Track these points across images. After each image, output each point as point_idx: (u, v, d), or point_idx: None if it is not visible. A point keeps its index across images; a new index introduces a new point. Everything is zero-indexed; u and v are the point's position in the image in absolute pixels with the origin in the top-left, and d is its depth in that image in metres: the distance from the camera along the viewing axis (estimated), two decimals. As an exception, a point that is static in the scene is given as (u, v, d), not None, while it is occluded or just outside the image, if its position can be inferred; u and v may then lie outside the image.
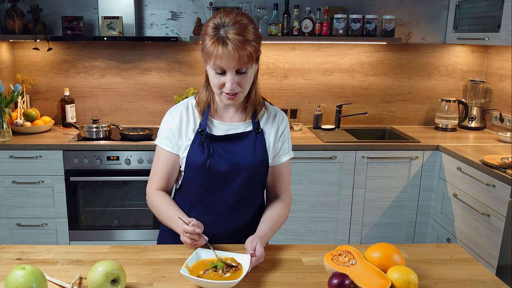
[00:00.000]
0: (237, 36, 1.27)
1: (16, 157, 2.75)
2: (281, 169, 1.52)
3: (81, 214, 2.88)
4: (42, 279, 1.08)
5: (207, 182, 1.43)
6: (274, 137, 1.48)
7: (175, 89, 3.31)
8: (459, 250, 1.44)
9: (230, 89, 1.32)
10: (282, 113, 1.53)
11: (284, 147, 1.51)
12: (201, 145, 1.41)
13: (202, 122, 1.44)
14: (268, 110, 1.50)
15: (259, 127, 1.46)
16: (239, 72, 1.31)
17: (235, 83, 1.32)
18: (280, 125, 1.50)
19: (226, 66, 1.29)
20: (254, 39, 1.30)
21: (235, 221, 1.48)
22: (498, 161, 2.39)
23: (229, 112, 1.47)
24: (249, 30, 1.30)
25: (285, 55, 3.31)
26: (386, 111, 3.45)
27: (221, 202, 1.45)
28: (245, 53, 1.27)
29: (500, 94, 3.20)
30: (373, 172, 2.89)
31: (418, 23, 3.31)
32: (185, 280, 1.21)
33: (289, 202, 1.55)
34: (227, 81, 1.31)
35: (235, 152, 1.43)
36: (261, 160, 1.45)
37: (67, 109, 3.20)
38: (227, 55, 1.27)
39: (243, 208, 1.48)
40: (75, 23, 3.04)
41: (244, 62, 1.29)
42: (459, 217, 2.64)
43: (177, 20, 3.23)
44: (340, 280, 1.13)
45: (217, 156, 1.41)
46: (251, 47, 1.28)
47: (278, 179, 1.53)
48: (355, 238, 3.00)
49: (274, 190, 1.55)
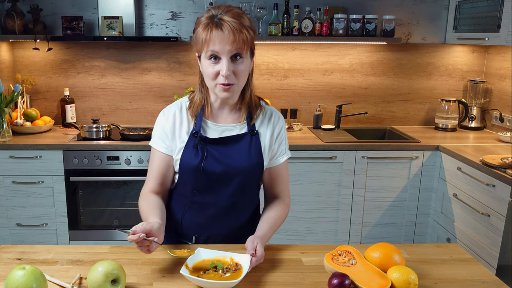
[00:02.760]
0: (232, 19, 1.26)
1: (16, 157, 2.75)
2: (278, 170, 1.50)
3: (81, 214, 2.88)
4: (42, 279, 1.08)
5: (201, 184, 1.41)
6: (269, 139, 1.45)
7: (175, 89, 3.31)
8: (459, 250, 1.44)
9: (225, 75, 1.27)
10: (278, 113, 1.50)
11: (281, 148, 1.49)
12: (195, 148, 1.39)
13: (196, 124, 1.41)
14: (264, 111, 1.47)
15: (254, 128, 1.43)
16: (234, 59, 1.29)
17: (230, 70, 1.28)
18: (276, 126, 1.47)
19: (221, 50, 1.26)
20: (250, 26, 1.29)
21: (230, 223, 1.47)
22: (498, 161, 2.39)
23: (223, 113, 1.44)
24: (245, 18, 1.30)
25: (285, 55, 3.31)
26: (386, 111, 3.45)
27: (215, 204, 1.44)
28: (241, 36, 1.25)
29: (500, 94, 3.20)
30: (373, 172, 2.89)
31: (418, 23, 3.31)
32: (185, 280, 1.21)
33: (288, 201, 1.54)
34: (222, 67, 1.28)
35: (230, 155, 1.40)
36: (256, 163, 1.42)
37: (67, 109, 3.20)
38: (221, 37, 1.25)
39: (238, 210, 1.47)
40: (75, 23, 3.04)
41: (239, 46, 1.26)
42: (459, 217, 2.64)
43: (177, 20, 3.23)
44: (340, 280, 1.13)
45: (211, 159, 1.39)
46: (247, 31, 1.27)
47: (276, 180, 1.51)
48: (355, 238, 3.00)
49: (272, 191, 1.53)
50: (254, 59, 1.39)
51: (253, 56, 1.37)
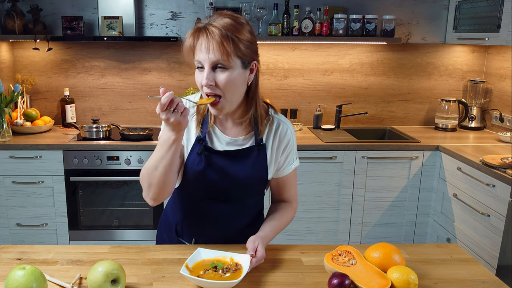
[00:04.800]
0: (217, 27, 1.19)
1: (16, 157, 2.75)
2: (286, 178, 1.47)
3: (81, 214, 2.88)
4: (42, 279, 1.08)
5: (202, 191, 1.39)
6: (276, 152, 1.40)
7: (175, 89, 3.31)
8: (459, 250, 1.44)
9: (204, 84, 1.21)
10: (286, 123, 1.42)
11: (289, 159, 1.43)
12: (199, 155, 1.35)
13: (202, 130, 1.36)
14: (272, 121, 1.39)
15: (261, 142, 1.37)
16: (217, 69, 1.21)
17: (210, 79, 1.21)
18: (284, 138, 1.40)
19: (202, 59, 1.21)
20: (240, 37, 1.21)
21: (231, 228, 1.45)
22: (498, 161, 2.39)
23: (228, 123, 1.38)
24: (238, 28, 1.22)
25: (285, 55, 3.30)
26: (386, 111, 3.45)
27: (216, 211, 1.42)
28: (220, 45, 1.18)
29: (500, 94, 3.20)
30: (373, 172, 2.89)
31: (418, 23, 3.31)
32: (185, 280, 1.21)
33: (296, 206, 1.52)
34: (203, 75, 1.22)
35: (234, 168, 1.36)
36: (260, 177, 1.40)
37: (67, 109, 3.20)
38: (201, 45, 1.20)
39: (240, 217, 1.46)
40: (75, 23, 3.04)
41: (218, 55, 1.18)
42: (459, 217, 2.64)
43: (177, 20, 3.23)
44: (340, 280, 1.13)
45: (214, 169, 1.35)
46: (229, 41, 1.19)
47: (283, 188, 1.49)
48: (355, 238, 3.00)
49: (280, 196, 1.51)
50: (256, 70, 1.30)
51: (252, 67, 1.28)
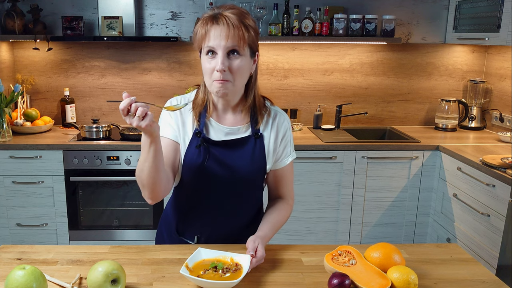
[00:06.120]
0: (231, 15, 1.25)
1: (16, 157, 2.75)
2: (283, 171, 1.48)
3: (81, 214, 2.88)
4: (42, 279, 1.08)
5: (203, 185, 1.40)
6: (274, 142, 1.42)
7: (175, 89, 3.31)
8: (459, 250, 1.44)
9: (219, 69, 1.24)
10: (283, 114, 1.46)
11: (286, 150, 1.45)
12: (198, 148, 1.36)
13: (200, 123, 1.38)
14: (269, 112, 1.43)
15: (258, 131, 1.40)
16: (231, 55, 1.26)
17: (225, 65, 1.25)
18: (281, 128, 1.43)
19: (216, 45, 1.24)
20: (251, 25, 1.28)
21: (232, 223, 1.46)
22: (498, 161, 2.39)
23: (227, 114, 1.40)
24: (248, 18, 1.28)
25: (285, 55, 3.30)
26: (386, 111, 3.45)
27: (217, 205, 1.42)
28: (238, 32, 1.24)
29: (500, 94, 3.20)
30: (373, 172, 2.89)
31: (418, 23, 3.31)
32: (185, 280, 1.21)
33: (292, 203, 1.53)
34: (217, 62, 1.25)
35: (233, 158, 1.38)
36: (259, 167, 1.41)
37: (67, 109, 3.20)
38: (218, 32, 1.24)
39: (241, 211, 1.46)
40: (75, 23, 3.04)
41: (234, 42, 1.24)
42: (459, 217, 2.64)
43: (177, 20, 3.23)
44: (340, 280, 1.13)
45: (213, 161, 1.37)
46: (245, 29, 1.25)
47: (280, 182, 1.50)
48: (355, 238, 3.00)
49: (276, 191, 1.52)
50: (257, 61, 1.36)
51: (255, 57, 1.34)
